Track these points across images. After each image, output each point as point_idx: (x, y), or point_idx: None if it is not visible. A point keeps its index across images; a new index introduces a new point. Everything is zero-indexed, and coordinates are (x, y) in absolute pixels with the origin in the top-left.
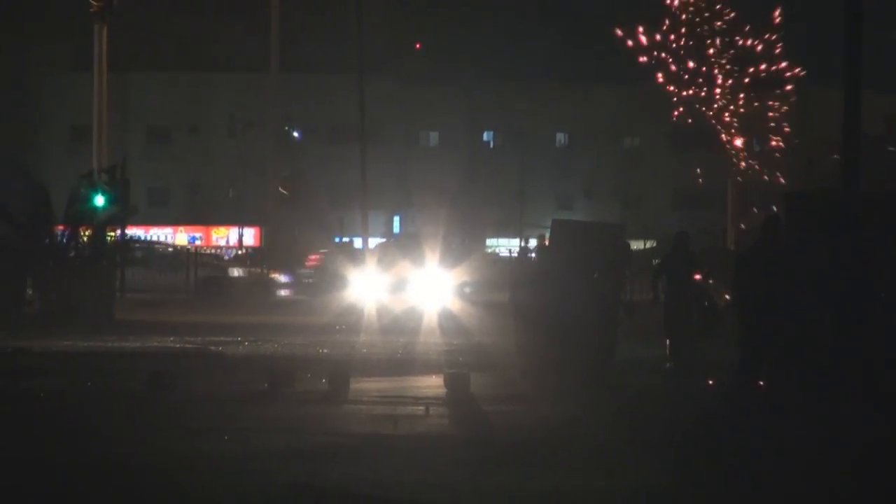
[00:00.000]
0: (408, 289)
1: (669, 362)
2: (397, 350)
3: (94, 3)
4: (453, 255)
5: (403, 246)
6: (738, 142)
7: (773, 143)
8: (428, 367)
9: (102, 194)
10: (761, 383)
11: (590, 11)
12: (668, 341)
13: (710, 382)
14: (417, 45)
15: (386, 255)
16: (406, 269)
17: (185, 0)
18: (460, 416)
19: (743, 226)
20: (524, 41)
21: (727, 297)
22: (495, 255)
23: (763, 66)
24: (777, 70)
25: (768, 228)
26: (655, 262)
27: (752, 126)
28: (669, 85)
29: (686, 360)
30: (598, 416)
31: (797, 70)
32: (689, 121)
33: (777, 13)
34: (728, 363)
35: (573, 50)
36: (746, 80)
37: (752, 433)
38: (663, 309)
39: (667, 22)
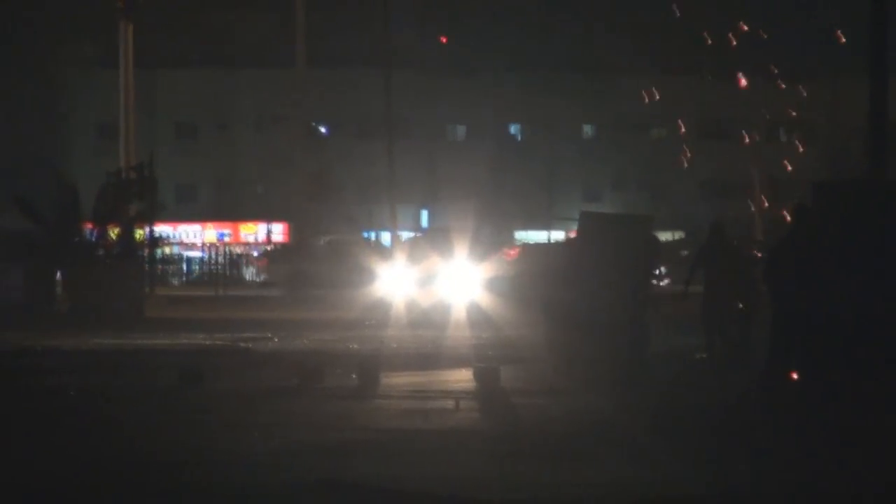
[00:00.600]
0: (437, 283)
1: (702, 353)
2: (426, 344)
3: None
4: (483, 249)
5: (433, 240)
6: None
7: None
8: (457, 361)
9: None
10: (794, 376)
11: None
12: (705, 332)
13: (743, 374)
14: (443, 39)
15: (416, 250)
16: (435, 263)
17: None
18: (490, 410)
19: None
20: (550, 32)
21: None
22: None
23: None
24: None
25: (799, 219)
26: (684, 253)
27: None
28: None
29: (721, 350)
30: (630, 409)
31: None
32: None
33: None
34: (763, 355)
35: (599, 40)
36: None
37: (784, 426)
38: (701, 299)
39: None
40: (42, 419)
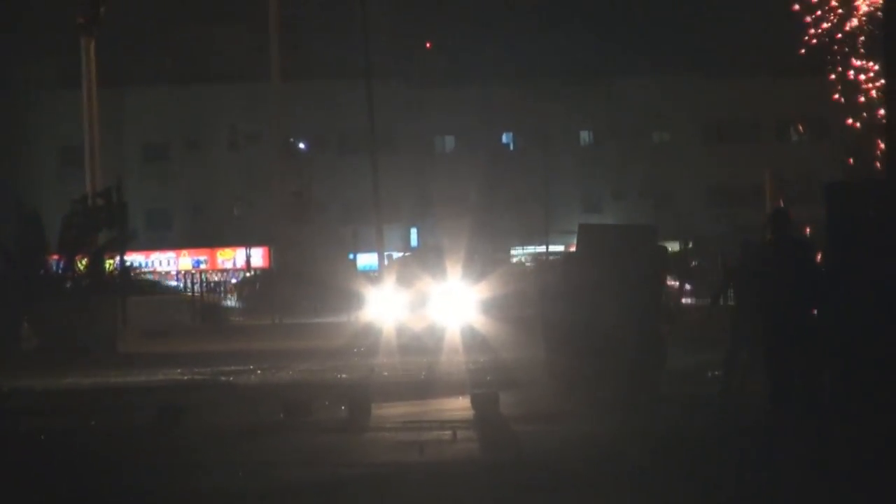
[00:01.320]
0: (429, 305)
1: (716, 373)
2: (420, 371)
3: (81, 15)
4: (478, 268)
5: (423, 260)
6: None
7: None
8: (453, 388)
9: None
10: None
11: (609, 2)
12: (732, 351)
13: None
14: (428, 45)
15: (405, 271)
16: (426, 284)
17: (179, 9)
18: (490, 439)
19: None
20: (541, 35)
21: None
22: (522, 266)
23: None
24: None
25: (776, 225)
26: (694, 264)
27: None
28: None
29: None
30: (635, 435)
31: None
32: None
33: None
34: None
35: (594, 42)
36: None
37: (791, 453)
38: (730, 318)
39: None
40: (9, 466)
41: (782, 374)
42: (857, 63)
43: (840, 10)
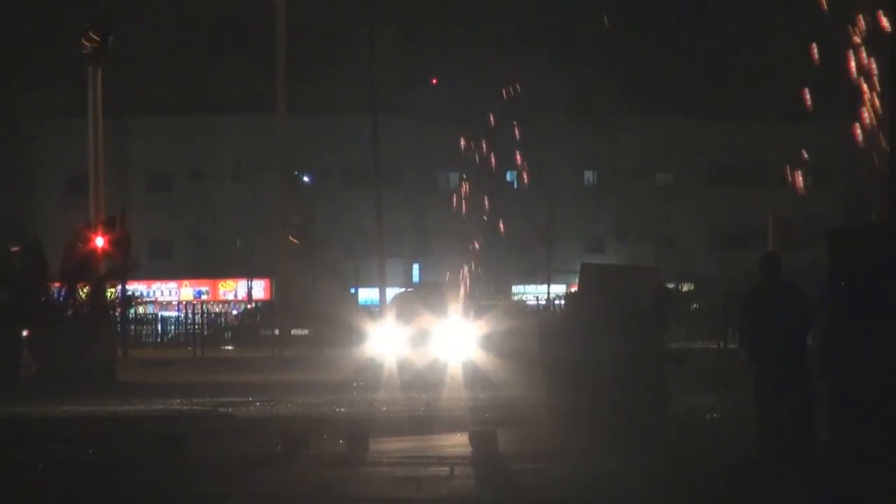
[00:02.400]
0: (430, 341)
1: (716, 415)
2: (419, 407)
3: (87, 44)
4: (478, 304)
5: (424, 296)
6: None
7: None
8: (452, 425)
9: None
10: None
11: (616, 44)
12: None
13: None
14: (433, 81)
15: (405, 307)
16: (427, 320)
17: (186, 41)
18: (487, 477)
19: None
20: (547, 75)
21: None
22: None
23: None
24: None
25: (766, 269)
26: (694, 306)
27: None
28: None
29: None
30: (633, 476)
31: None
32: None
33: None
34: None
35: (600, 81)
36: None
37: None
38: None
39: None
40: (6, 494)
41: (770, 422)
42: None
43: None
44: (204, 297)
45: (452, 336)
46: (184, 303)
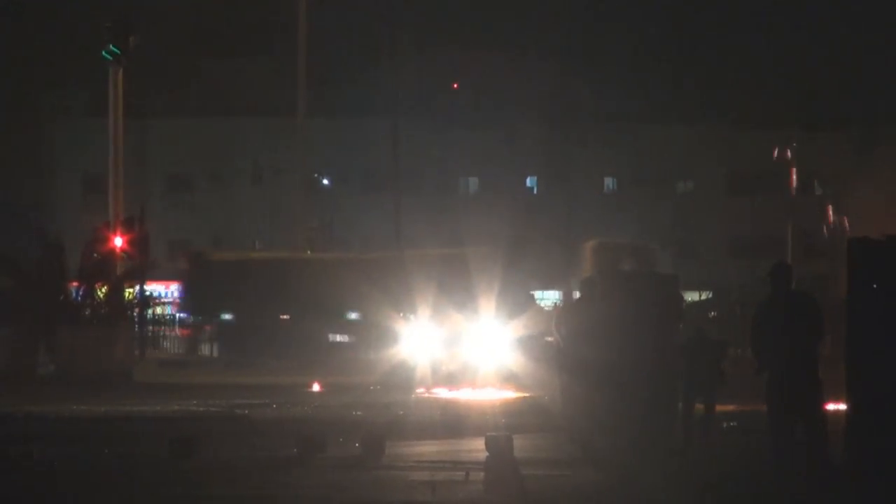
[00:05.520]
0: (462, 343)
1: (733, 423)
2: (439, 410)
3: (109, 45)
4: (508, 308)
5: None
6: None
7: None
8: (470, 429)
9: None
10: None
11: (637, 50)
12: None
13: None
14: (455, 86)
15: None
16: (458, 321)
17: (208, 42)
18: (500, 482)
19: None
20: (569, 80)
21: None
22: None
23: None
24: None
25: (777, 279)
26: (712, 314)
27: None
28: None
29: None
30: (646, 485)
31: None
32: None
33: None
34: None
35: (621, 89)
36: None
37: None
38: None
39: None
40: (20, 492)
41: (783, 439)
42: None
43: None
44: None
45: (485, 338)
46: None
